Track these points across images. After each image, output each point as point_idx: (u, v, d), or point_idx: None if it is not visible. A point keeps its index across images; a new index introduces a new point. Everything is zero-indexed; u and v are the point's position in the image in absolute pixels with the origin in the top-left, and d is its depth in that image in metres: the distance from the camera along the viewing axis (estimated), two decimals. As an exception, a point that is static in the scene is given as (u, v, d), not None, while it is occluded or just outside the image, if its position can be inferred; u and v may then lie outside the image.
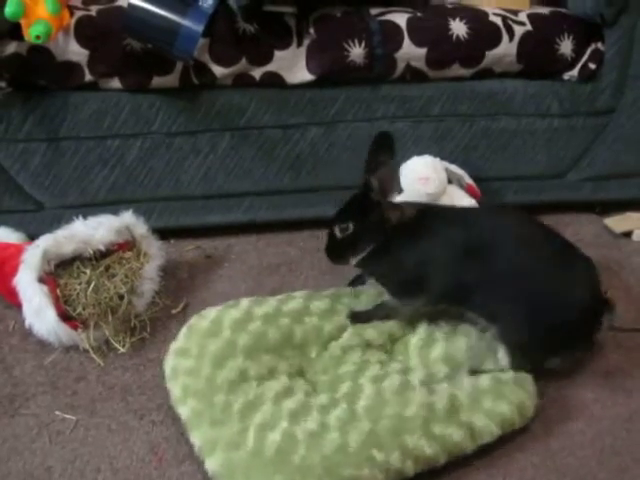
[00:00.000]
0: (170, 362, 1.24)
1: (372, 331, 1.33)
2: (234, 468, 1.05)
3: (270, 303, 1.33)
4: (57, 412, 1.24)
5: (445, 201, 1.64)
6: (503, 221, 1.30)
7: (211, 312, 1.31)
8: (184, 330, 1.29)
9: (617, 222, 1.89)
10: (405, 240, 1.28)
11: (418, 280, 1.27)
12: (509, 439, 1.16)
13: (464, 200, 1.67)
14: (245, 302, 1.33)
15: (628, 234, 1.87)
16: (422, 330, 1.35)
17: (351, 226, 1.29)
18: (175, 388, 1.19)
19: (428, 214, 1.32)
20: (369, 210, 1.29)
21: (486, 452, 1.14)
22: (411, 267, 1.28)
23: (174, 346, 1.26)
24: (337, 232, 1.31)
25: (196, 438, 1.11)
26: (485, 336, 1.31)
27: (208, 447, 1.09)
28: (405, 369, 1.25)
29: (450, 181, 1.70)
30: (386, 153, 1.26)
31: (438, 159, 1.69)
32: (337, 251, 1.34)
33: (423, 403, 1.13)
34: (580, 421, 1.23)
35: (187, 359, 1.22)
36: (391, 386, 1.17)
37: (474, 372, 1.25)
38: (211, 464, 1.07)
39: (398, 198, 1.58)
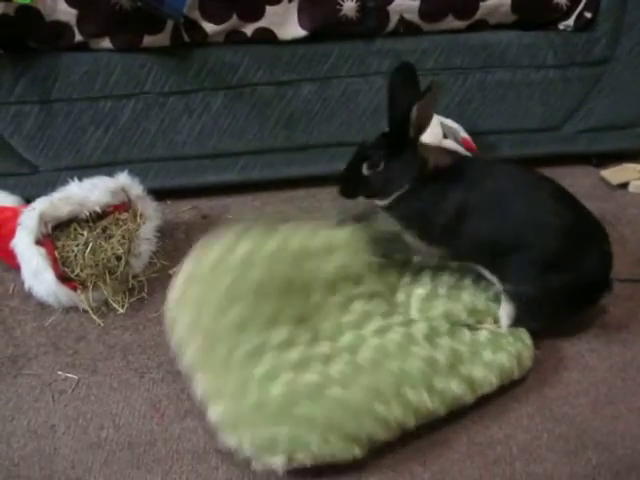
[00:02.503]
0: (171, 309, 1.18)
1: (377, 281, 1.31)
2: (238, 419, 1.05)
3: (270, 243, 1.22)
4: (59, 372, 1.26)
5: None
6: (533, 184, 1.26)
7: (210, 256, 1.21)
8: (182, 272, 1.20)
9: (613, 174, 1.89)
10: (441, 187, 1.20)
11: (449, 229, 1.22)
12: (504, 389, 1.18)
13: (460, 155, 1.66)
14: (254, 236, 1.23)
15: (624, 185, 1.86)
16: (426, 281, 1.35)
17: (383, 163, 1.21)
18: (176, 335, 1.15)
19: (464, 165, 1.25)
20: (404, 147, 1.20)
21: (482, 403, 1.15)
22: (445, 215, 1.21)
23: (173, 293, 1.19)
24: (364, 168, 1.22)
25: (198, 385, 1.10)
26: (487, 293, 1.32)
27: (211, 395, 1.08)
28: (408, 322, 1.24)
29: (445, 135, 1.69)
30: (413, 86, 1.19)
31: (434, 114, 1.68)
32: (362, 189, 1.25)
33: (425, 357, 1.14)
34: (575, 371, 1.24)
35: (187, 306, 1.16)
36: (394, 339, 1.18)
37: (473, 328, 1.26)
38: (214, 413, 1.07)
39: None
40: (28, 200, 1.54)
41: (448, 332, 1.23)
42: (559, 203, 1.23)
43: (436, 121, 1.65)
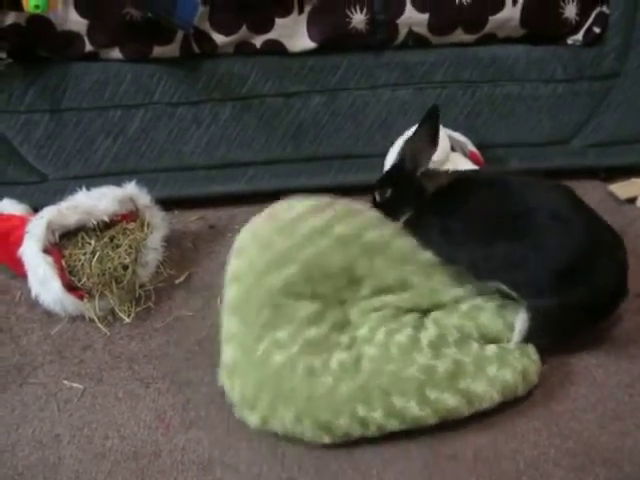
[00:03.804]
0: (242, 237, 1.30)
1: (425, 301, 1.32)
2: (236, 368, 1.13)
3: (348, 222, 1.30)
4: (64, 381, 1.26)
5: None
6: (537, 194, 1.28)
7: (302, 203, 1.33)
8: (268, 210, 1.33)
9: (622, 188, 1.88)
10: (437, 210, 1.33)
11: (448, 250, 1.30)
12: (511, 404, 1.17)
13: (468, 168, 1.66)
14: (329, 210, 1.31)
15: (633, 200, 1.85)
16: (453, 293, 1.34)
17: (389, 192, 1.40)
18: (232, 266, 1.26)
19: (462, 183, 1.35)
20: (405, 178, 1.38)
21: (488, 416, 1.15)
22: (440, 237, 1.31)
23: (249, 225, 1.32)
24: (377, 196, 1.42)
25: (225, 322, 1.20)
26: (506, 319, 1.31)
27: (229, 336, 1.18)
28: (420, 324, 1.25)
29: (453, 148, 1.69)
30: (428, 126, 1.35)
31: (441, 126, 1.67)
32: (383, 212, 1.39)
33: (423, 365, 1.14)
34: (583, 386, 1.23)
35: (253, 244, 1.26)
36: (399, 341, 1.18)
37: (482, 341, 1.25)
38: (225, 353, 1.16)
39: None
40: (36, 208, 1.54)
41: (456, 342, 1.22)
42: (568, 212, 1.23)
43: (444, 134, 1.65)
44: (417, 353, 1.17)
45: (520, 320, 1.25)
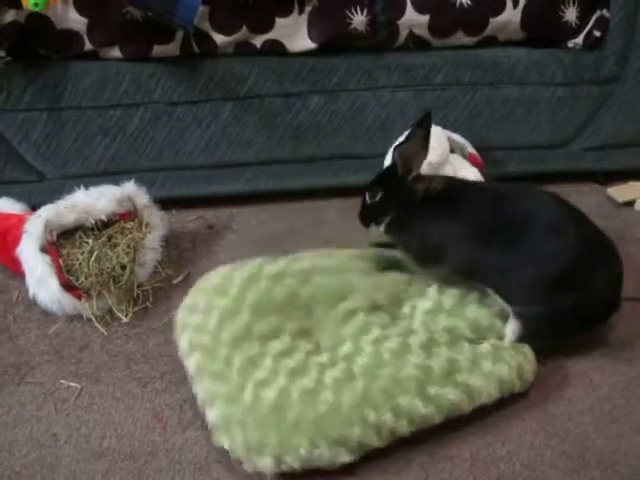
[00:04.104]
0: (180, 317, 1.25)
1: (380, 293, 1.34)
2: (231, 422, 1.07)
3: (279, 262, 1.33)
4: (62, 380, 1.26)
5: (447, 170, 1.63)
6: (532, 203, 1.27)
7: (220, 270, 1.32)
8: (194, 287, 1.30)
9: (620, 191, 1.89)
10: (429, 212, 1.32)
11: (437, 251, 1.30)
12: (508, 405, 1.18)
13: (466, 170, 1.66)
14: (255, 261, 1.33)
15: (630, 203, 1.86)
16: (432, 295, 1.35)
17: (379, 194, 1.37)
18: (182, 342, 1.21)
19: (455, 189, 1.34)
20: (396, 181, 1.36)
21: (485, 418, 1.15)
22: (431, 238, 1.31)
23: (184, 302, 1.27)
24: (367, 198, 1.40)
25: (199, 390, 1.14)
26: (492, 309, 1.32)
27: (209, 399, 1.11)
28: (407, 332, 1.25)
29: (452, 150, 1.69)
30: (420, 131, 1.33)
31: (440, 128, 1.68)
32: (364, 215, 1.42)
33: (419, 365, 1.14)
34: (579, 389, 1.23)
35: (195, 314, 1.23)
36: (390, 348, 1.18)
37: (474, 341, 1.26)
38: (210, 416, 1.10)
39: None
40: (34, 207, 1.54)
41: (447, 343, 1.22)
42: (563, 221, 1.23)
43: (443, 136, 1.65)
44: (410, 355, 1.17)
45: (510, 327, 1.26)
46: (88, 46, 1.58)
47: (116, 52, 1.60)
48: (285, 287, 1.28)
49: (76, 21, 1.54)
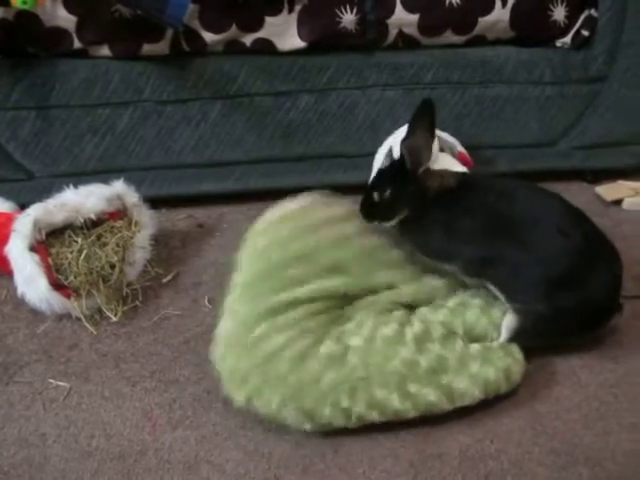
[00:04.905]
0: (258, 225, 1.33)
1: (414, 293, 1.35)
2: (231, 344, 1.15)
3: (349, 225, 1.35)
4: (50, 380, 1.25)
5: (437, 169, 1.64)
6: (539, 202, 1.28)
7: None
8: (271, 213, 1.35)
9: (608, 190, 1.90)
10: (443, 208, 1.28)
11: (451, 248, 1.28)
12: (496, 403, 1.18)
13: (456, 168, 1.66)
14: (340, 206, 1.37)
15: (618, 202, 1.87)
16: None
17: (388, 190, 1.32)
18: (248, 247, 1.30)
19: (468, 185, 1.31)
20: (406, 177, 1.30)
21: (473, 416, 1.15)
22: (446, 235, 1.28)
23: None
24: (375, 196, 1.34)
25: (229, 297, 1.23)
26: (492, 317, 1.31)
27: (228, 311, 1.21)
28: (405, 320, 1.25)
29: (442, 149, 1.69)
30: (423, 122, 1.28)
31: (430, 127, 1.69)
32: (373, 213, 1.36)
33: (406, 359, 1.15)
34: (567, 386, 1.24)
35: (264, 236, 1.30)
36: (385, 335, 1.19)
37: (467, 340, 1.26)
38: (223, 326, 1.19)
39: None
40: (23, 206, 1.53)
41: (440, 338, 1.22)
42: (568, 222, 1.23)
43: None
44: (401, 346, 1.18)
45: (507, 321, 1.26)
46: (77, 44, 1.57)
47: (105, 50, 1.60)
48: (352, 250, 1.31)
49: (65, 19, 1.54)
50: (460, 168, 1.66)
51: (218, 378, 1.15)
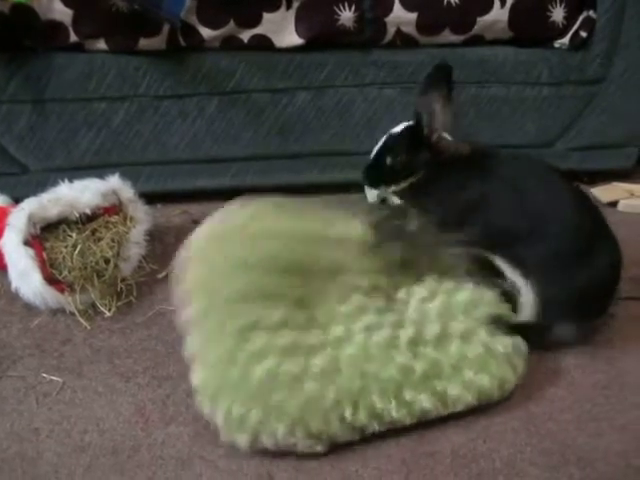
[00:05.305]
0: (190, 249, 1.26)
1: (379, 273, 1.31)
2: (217, 389, 1.08)
3: (296, 219, 1.30)
4: (44, 374, 1.25)
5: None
6: (555, 180, 1.28)
7: (240, 212, 1.30)
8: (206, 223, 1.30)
9: (603, 192, 1.91)
10: (457, 173, 1.27)
11: (464, 213, 1.26)
12: (488, 404, 1.18)
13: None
14: (271, 210, 1.31)
15: (614, 204, 1.88)
16: (429, 282, 1.32)
17: (402, 155, 1.31)
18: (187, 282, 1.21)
19: (484, 153, 1.30)
20: (421, 142, 1.29)
21: (466, 416, 1.15)
22: (459, 199, 1.26)
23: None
24: (388, 159, 1.32)
25: (191, 344, 1.15)
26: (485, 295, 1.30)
27: (198, 358, 1.13)
28: (399, 322, 1.23)
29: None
30: (440, 87, 1.26)
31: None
32: (380, 178, 1.33)
33: (402, 365, 1.14)
34: (560, 387, 1.24)
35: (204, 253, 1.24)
36: (378, 342, 1.17)
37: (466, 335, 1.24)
38: (197, 377, 1.11)
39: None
40: (17, 200, 1.53)
41: (435, 341, 1.21)
42: (581, 201, 1.25)
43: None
44: (396, 352, 1.16)
45: (525, 297, 1.26)
46: (73, 38, 1.57)
47: (102, 44, 1.59)
48: (290, 251, 1.25)
49: (61, 12, 1.53)
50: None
51: (214, 430, 1.08)
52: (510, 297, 1.28)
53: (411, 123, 1.33)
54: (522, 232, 1.22)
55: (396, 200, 1.60)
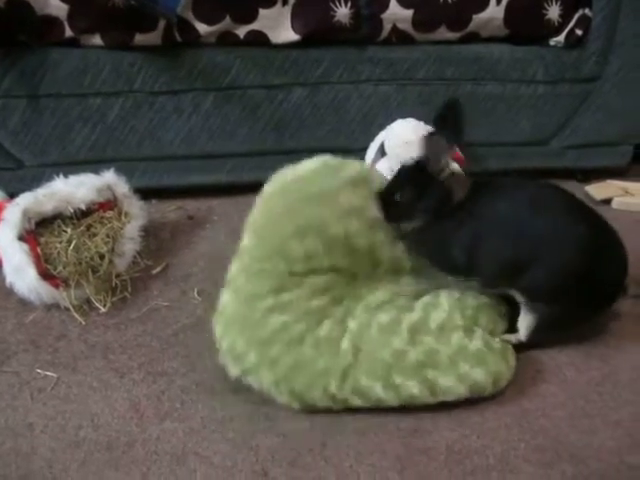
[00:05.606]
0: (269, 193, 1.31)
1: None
2: (232, 320, 1.17)
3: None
4: (38, 370, 1.25)
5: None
6: (559, 201, 1.25)
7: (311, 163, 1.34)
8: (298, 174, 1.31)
9: (597, 189, 1.91)
10: (455, 220, 1.21)
11: (469, 262, 1.22)
12: (482, 400, 1.18)
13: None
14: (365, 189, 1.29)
15: (608, 201, 1.89)
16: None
17: (410, 191, 1.24)
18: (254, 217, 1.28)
19: (480, 190, 1.24)
20: (429, 180, 1.22)
21: (459, 412, 1.16)
22: (460, 248, 1.22)
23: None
24: (398, 196, 1.26)
25: (234, 267, 1.23)
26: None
27: (234, 285, 1.20)
28: (406, 307, 1.25)
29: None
30: (444, 123, 1.21)
31: (422, 123, 1.69)
32: (395, 213, 1.28)
33: (396, 349, 1.16)
34: (553, 384, 1.25)
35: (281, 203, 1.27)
36: (380, 322, 1.21)
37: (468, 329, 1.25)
38: (225, 299, 1.19)
39: (381, 162, 1.59)
40: (12, 195, 1.52)
41: (436, 330, 1.22)
42: (574, 216, 1.23)
43: (425, 131, 1.65)
44: (395, 336, 1.18)
45: (525, 321, 1.26)
46: (69, 33, 1.56)
47: (97, 40, 1.59)
48: (370, 240, 1.28)
49: (57, 7, 1.52)
50: (451, 165, 1.66)
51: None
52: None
53: (420, 159, 1.26)
54: (522, 263, 1.20)
55: None
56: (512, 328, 1.29)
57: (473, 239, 1.21)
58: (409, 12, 1.64)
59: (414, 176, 1.24)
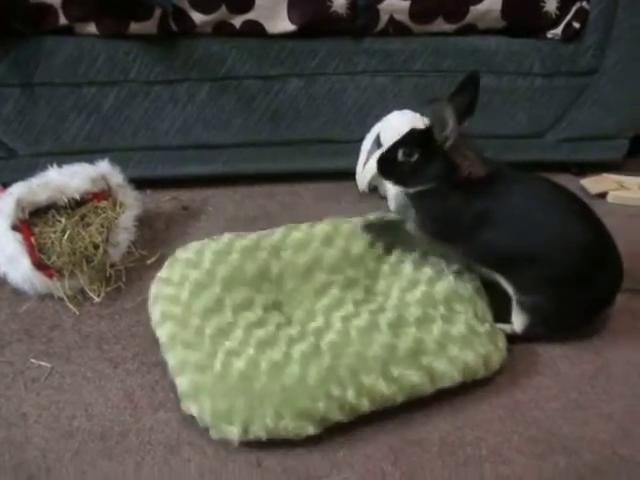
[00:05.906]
0: (153, 289, 1.27)
1: (354, 268, 1.34)
2: (200, 389, 1.09)
3: (250, 237, 1.34)
4: (32, 360, 1.25)
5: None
6: (557, 201, 1.26)
7: (194, 244, 1.32)
8: (168, 260, 1.31)
9: (593, 183, 1.91)
10: (467, 196, 1.22)
11: (461, 231, 1.24)
12: (477, 391, 1.19)
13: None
14: (227, 236, 1.34)
15: (603, 195, 1.89)
16: (408, 271, 1.35)
17: (415, 155, 1.25)
18: (155, 313, 1.22)
19: (498, 178, 1.25)
20: (435, 147, 1.23)
21: (454, 403, 1.17)
22: (461, 219, 1.23)
23: (158, 275, 1.29)
24: (400, 155, 1.26)
25: (169, 358, 1.16)
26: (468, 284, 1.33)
27: (179, 367, 1.13)
28: (378, 310, 1.26)
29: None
30: (466, 93, 1.25)
31: (418, 114, 1.69)
32: (392, 171, 1.30)
33: (384, 344, 1.16)
34: (547, 376, 1.25)
35: (168, 287, 1.25)
36: (358, 326, 1.20)
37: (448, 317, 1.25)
38: (180, 383, 1.12)
39: (377, 153, 1.58)
40: (5, 184, 1.51)
41: (417, 322, 1.23)
42: (582, 222, 1.24)
43: (421, 122, 1.65)
44: (377, 334, 1.18)
45: (517, 315, 1.28)
46: (63, 21, 1.55)
47: (92, 28, 1.58)
48: (256, 261, 1.30)
49: (51, -6, 1.51)
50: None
51: (205, 429, 1.08)
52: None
53: (425, 127, 1.28)
54: (523, 256, 1.22)
55: (387, 190, 1.61)
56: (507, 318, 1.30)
57: (485, 214, 1.22)
58: (406, 3, 1.63)
59: (419, 139, 1.26)
